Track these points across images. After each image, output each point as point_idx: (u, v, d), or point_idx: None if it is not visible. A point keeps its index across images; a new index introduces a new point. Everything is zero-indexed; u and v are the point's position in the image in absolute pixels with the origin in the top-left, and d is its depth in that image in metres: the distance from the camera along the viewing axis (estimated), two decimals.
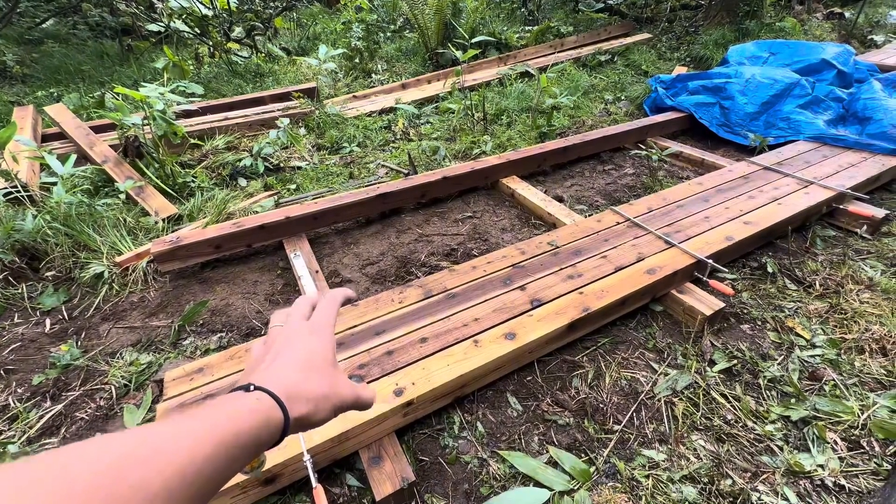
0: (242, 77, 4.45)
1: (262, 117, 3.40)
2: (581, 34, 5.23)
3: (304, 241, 2.18)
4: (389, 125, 3.54)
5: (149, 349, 1.72)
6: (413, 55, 5.16)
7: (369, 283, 2.03)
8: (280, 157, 3.01)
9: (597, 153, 3.08)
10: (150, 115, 2.47)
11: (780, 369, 1.54)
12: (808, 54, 3.64)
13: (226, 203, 2.43)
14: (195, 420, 0.32)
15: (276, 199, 2.55)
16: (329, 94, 4.15)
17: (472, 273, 1.74)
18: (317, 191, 2.70)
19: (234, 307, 1.91)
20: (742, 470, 1.27)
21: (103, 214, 2.21)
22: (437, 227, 2.38)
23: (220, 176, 2.81)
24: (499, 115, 3.55)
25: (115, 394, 1.54)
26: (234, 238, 2.08)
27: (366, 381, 1.31)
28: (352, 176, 2.89)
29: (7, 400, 1.53)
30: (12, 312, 1.89)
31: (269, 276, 2.09)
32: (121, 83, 4.36)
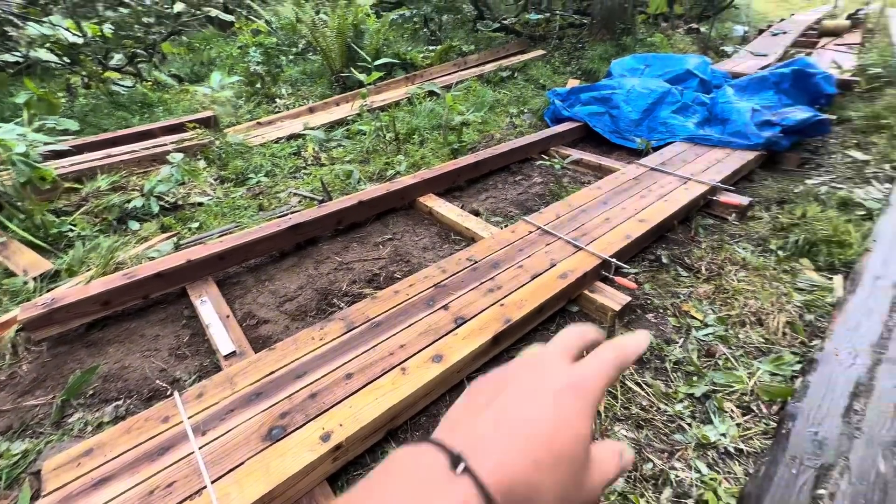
0: (127, 108, 4.05)
1: (152, 152, 3.11)
2: (482, 52, 5.50)
3: (210, 284, 2.01)
4: (299, 151, 3.42)
5: (23, 435, 1.46)
6: (319, 78, 5.07)
7: (289, 320, 1.92)
8: (178, 194, 2.77)
9: (507, 165, 3.22)
10: (8, 159, 2.15)
11: (682, 351, 1.70)
12: (675, 65, 4.15)
13: (114, 252, 2.17)
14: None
15: (176, 242, 2.33)
16: (231, 122, 3.92)
17: (394, 298, 1.72)
18: (223, 227, 2.51)
19: (131, 369, 1.70)
20: (660, 451, 1.38)
21: None
22: (357, 254, 2.33)
23: (106, 221, 2.51)
24: (411, 134, 3.59)
25: None
26: (125, 291, 1.86)
27: (288, 431, 1.23)
28: (261, 208, 2.73)
29: None
30: None
31: (173, 327, 1.89)
32: None
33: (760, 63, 5.17)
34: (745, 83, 3.83)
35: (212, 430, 1.24)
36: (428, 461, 0.25)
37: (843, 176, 2.88)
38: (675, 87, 3.69)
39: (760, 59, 5.39)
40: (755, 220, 2.48)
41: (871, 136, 3.37)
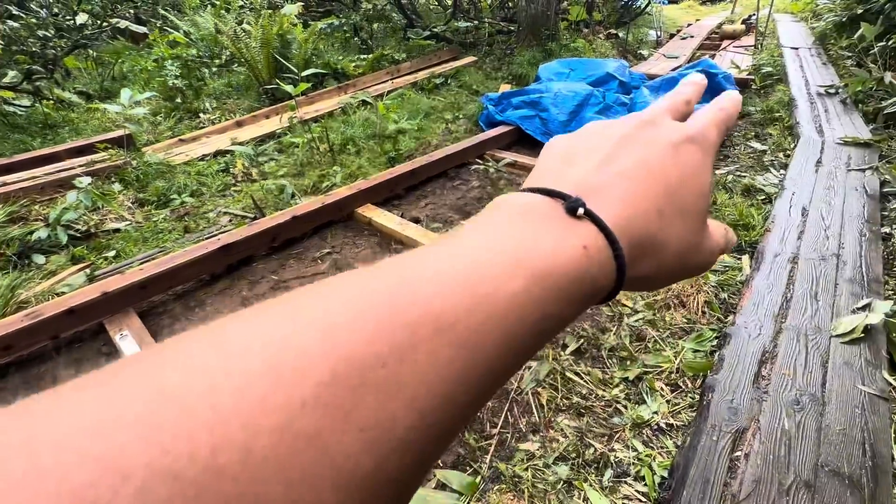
0: (24, 130, 3.67)
1: (57, 176, 2.84)
2: (414, 60, 5.54)
3: (132, 316, 1.86)
4: (227, 168, 3.26)
5: None
6: (246, 90, 4.87)
7: None
8: (90, 221, 2.54)
9: (444, 171, 3.26)
10: None
11: (615, 338, 1.80)
12: (596, 69, 4.41)
13: (14, 290, 1.96)
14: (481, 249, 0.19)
15: (90, 273, 2.14)
16: (149, 141, 3.66)
17: None
18: (145, 254, 2.34)
19: None
20: (601, 436, 1.45)
21: None
22: (295, 270, 2.26)
23: (4, 256, 2.26)
24: (346, 144, 3.54)
25: None
26: (29, 332, 1.68)
27: None
28: (187, 230, 2.57)
29: None
30: None
31: (90, 368, 1.72)
32: None
33: (672, 65, 5.62)
34: (659, 84, 4.14)
35: None
36: (539, 205, 0.22)
37: (745, 165, 3.19)
38: (598, 90, 3.92)
39: (672, 61, 5.86)
40: None
41: (767, 128, 3.76)
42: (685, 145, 0.26)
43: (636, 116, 0.27)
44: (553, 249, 0.20)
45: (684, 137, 0.26)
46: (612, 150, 0.25)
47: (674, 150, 0.25)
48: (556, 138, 0.29)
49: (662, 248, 0.24)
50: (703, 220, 0.26)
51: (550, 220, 0.21)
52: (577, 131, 0.28)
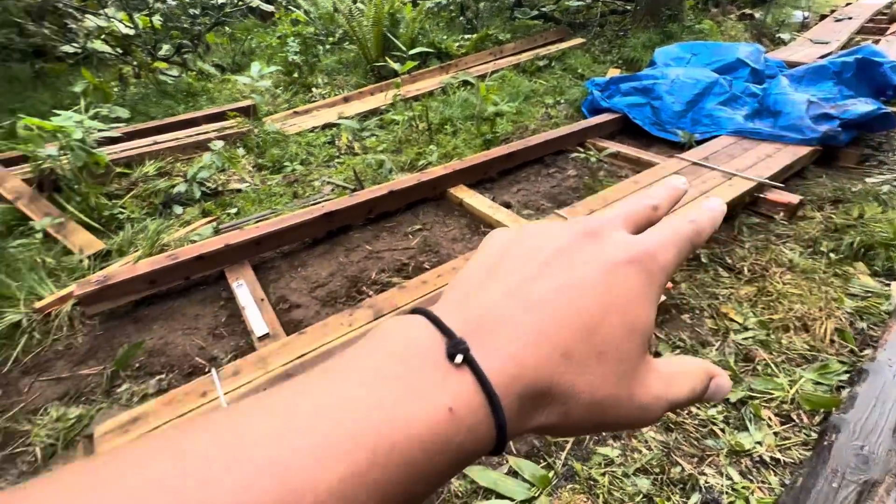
0: (173, 97, 4.23)
1: (195, 139, 3.24)
2: (519, 41, 5.38)
3: (247, 268, 2.09)
4: (333, 140, 3.48)
5: (78, 401, 1.58)
6: (354, 67, 5.11)
7: (319, 306, 1.97)
8: (218, 181, 2.88)
9: (540, 157, 3.16)
10: (67, 144, 2.29)
11: (718, 354, 1.64)
12: (724, 54, 3.93)
13: (159, 234, 2.29)
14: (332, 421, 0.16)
15: (216, 226, 2.43)
16: (268, 111, 4.02)
17: (422, 288, 1.74)
18: (259, 213, 2.60)
19: (173, 345, 1.79)
20: (690, 456, 1.34)
21: (17, 257, 2.02)
22: (387, 243, 2.36)
23: (153, 205, 2.65)
24: (443, 124, 3.58)
25: (40, 455, 1.41)
26: (169, 272, 1.96)
27: None
28: (296, 195, 2.81)
29: None
30: None
31: (212, 308, 1.98)
32: (35, 110, 4.02)
33: (821, 51, 4.82)
34: (802, 73, 3.58)
35: None
36: (421, 342, 0.19)
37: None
38: (724, 78, 3.50)
39: (821, 47, 5.02)
40: (806, 219, 2.33)
41: None
42: (624, 268, 0.22)
43: (584, 223, 0.24)
44: (409, 416, 0.17)
45: (625, 259, 0.22)
46: (537, 269, 0.22)
47: (607, 275, 0.21)
48: (499, 233, 0.26)
49: (567, 397, 0.20)
50: (631, 365, 0.21)
51: (423, 370, 0.18)
52: (523, 229, 0.25)
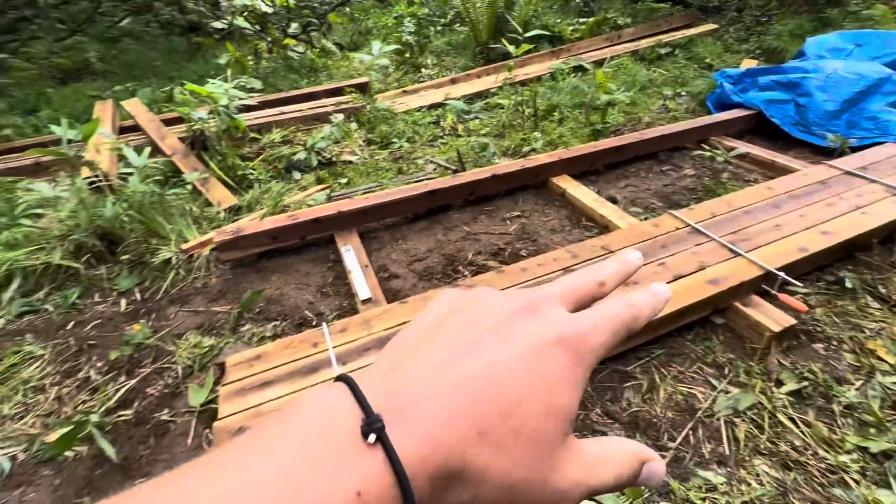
0: (298, 72, 4.60)
1: (315, 112, 3.50)
2: (639, 26, 4.99)
3: (354, 235, 2.23)
4: (438, 121, 3.54)
5: (211, 333, 1.82)
6: (463, 49, 5.13)
7: (416, 279, 2.05)
8: (332, 152, 3.09)
9: (654, 153, 2.93)
10: (216, 109, 2.60)
11: (858, 395, 1.42)
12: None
13: (281, 196, 2.53)
14: None
15: (328, 194, 2.62)
16: (380, 89, 4.20)
17: (521, 275, 1.72)
18: (366, 185, 2.75)
19: (287, 297, 1.99)
20: (810, 501, 1.18)
21: (172, 204, 2.36)
22: (485, 226, 2.36)
23: (276, 169, 2.93)
24: (550, 111, 3.46)
25: (181, 373, 1.65)
26: (289, 230, 2.17)
27: None
28: (400, 171, 2.92)
29: (89, 372, 1.68)
30: (93, 292, 2.07)
31: (321, 268, 2.15)
32: (188, 78, 4.63)
33: None
34: None
35: (350, 362, 1.40)
36: (338, 419, 0.19)
37: None
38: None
39: None
40: None
41: None
42: (552, 349, 0.21)
43: (525, 297, 0.24)
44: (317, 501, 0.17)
45: (555, 339, 0.22)
46: (468, 343, 0.22)
47: (534, 355, 0.21)
48: (446, 295, 0.26)
49: (479, 479, 0.19)
50: (548, 448, 0.20)
51: (336, 451, 0.18)
52: (468, 296, 0.25)
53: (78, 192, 2.17)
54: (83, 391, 1.61)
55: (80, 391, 1.61)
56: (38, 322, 1.91)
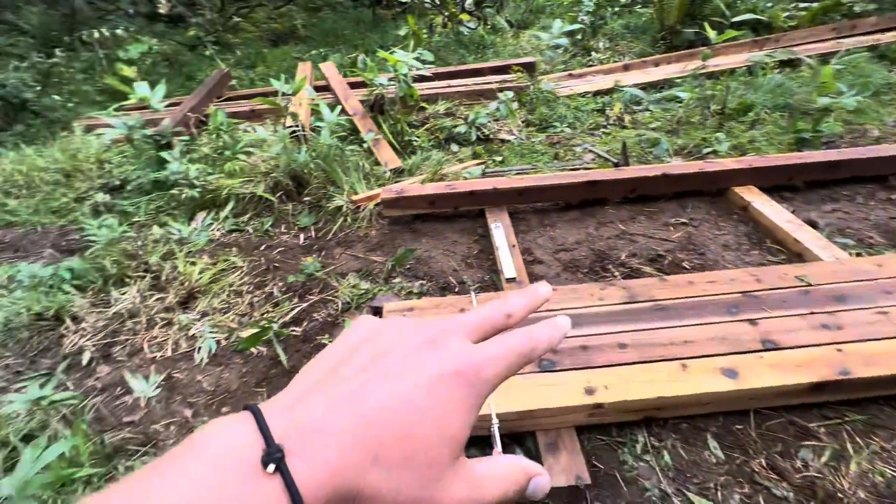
0: (466, 48, 4.71)
1: (480, 87, 3.56)
2: (888, 15, 3.96)
3: (504, 213, 2.24)
4: (603, 109, 3.33)
5: (367, 278, 2.03)
6: (642, 34, 4.69)
7: (560, 269, 1.99)
8: (491, 129, 3.12)
9: (883, 176, 2.35)
10: (398, 77, 2.81)
11: None
12: None
13: (440, 165, 2.66)
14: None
15: (483, 169, 2.67)
16: (545, 70, 4.09)
17: (687, 289, 1.55)
18: (520, 166, 2.73)
19: (435, 260, 2.10)
20: None
21: (349, 158, 2.65)
22: (644, 228, 2.18)
23: (437, 139, 3.08)
24: (743, 110, 2.99)
25: (340, 307, 1.88)
26: (445, 198, 2.27)
27: (556, 368, 1.30)
28: (556, 157, 2.83)
29: (272, 289, 2.01)
30: (281, 223, 2.45)
31: (468, 239, 2.22)
32: (369, 47, 5.09)
33: None
34: None
35: None
36: (240, 449, 0.21)
37: None
38: None
39: None
40: None
41: None
42: (448, 380, 0.23)
43: (431, 330, 0.26)
44: None
45: (452, 371, 0.24)
46: (373, 374, 0.24)
47: (431, 386, 0.23)
48: (360, 325, 0.28)
49: (372, 499, 0.21)
50: (438, 470, 0.22)
51: (236, 481, 0.19)
52: (381, 328, 0.27)
53: (282, 139, 2.57)
54: (268, 303, 1.93)
55: (266, 302, 1.94)
56: (241, 240, 2.35)
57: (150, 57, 4.78)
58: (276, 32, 5.74)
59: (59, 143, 3.15)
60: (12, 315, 1.82)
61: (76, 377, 1.67)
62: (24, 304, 1.84)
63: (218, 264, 2.14)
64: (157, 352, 1.74)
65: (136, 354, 1.74)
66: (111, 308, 1.89)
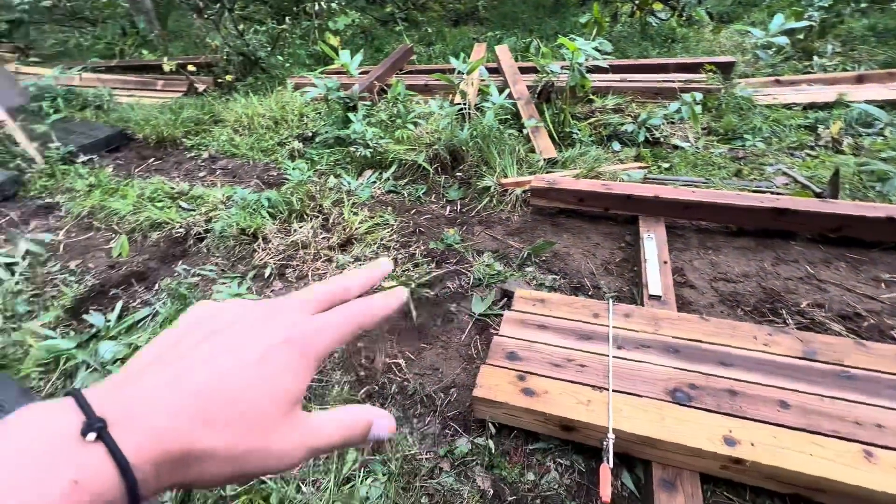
0: (652, 40, 4.31)
1: (660, 85, 3.25)
2: None
3: (661, 225, 2.05)
4: (815, 126, 2.76)
5: (501, 260, 2.07)
6: (893, 38, 3.71)
7: (716, 299, 1.76)
8: (663, 132, 2.84)
9: None
10: (571, 66, 2.72)
11: None
12: None
13: (598, 162, 2.53)
14: None
15: (645, 174, 2.46)
16: (744, 73, 3.54)
17: (892, 363, 1.24)
18: (689, 177, 2.45)
19: (572, 258, 2.04)
20: None
21: (506, 142, 2.69)
22: (842, 276, 1.78)
23: (599, 135, 2.92)
24: None
25: (471, 282, 1.96)
26: (597, 197, 2.16)
27: (692, 404, 1.18)
28: (738, 174, 2.46)
29: (415, 251, 2.18)
30: (432, 193, 2.62)
31: (612, 244, 2.10)
32: (542, 33, 5.00)
33: None
34: None
35: (625, 350, 1.35)
36: (56, 423, 0.21)
37: None
38: None
39: None
40: None
41: None
42: (279, 347, 0.26)
43: (267, 306, 0.28)
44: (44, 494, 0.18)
45: (282, 340, 0.26)
46: (209, 347, 0.25)
47: (261, 354, 0.25)
48: (199, 308, 0.29)
49: (205, 457, 0.23)
50: (271, 422, 0.25)
51: (52, 449, 0.20)
52: (218, 308, 0.29)
53: (449, 114, 2.71)
54: (409, 262, 2.11)
55: (408, 261, 2.12)
56: (396, 201, 2.58)
57: (352, 29, 5.43)
58: (459, 13, 5.99)
59: (274, 95, 3.82)
60: (226, 226, 2.31)
61: (258, 285, 2.06)
62: (234, 220, 2.32)
63: (374, 218, 2.39)
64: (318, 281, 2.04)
65: (301, 279, 2.07)
66: (290, 237, 2.27)
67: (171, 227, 2.46)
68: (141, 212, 2.58)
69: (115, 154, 3.48)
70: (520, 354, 1.37)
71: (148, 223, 2.51)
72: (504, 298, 1.84)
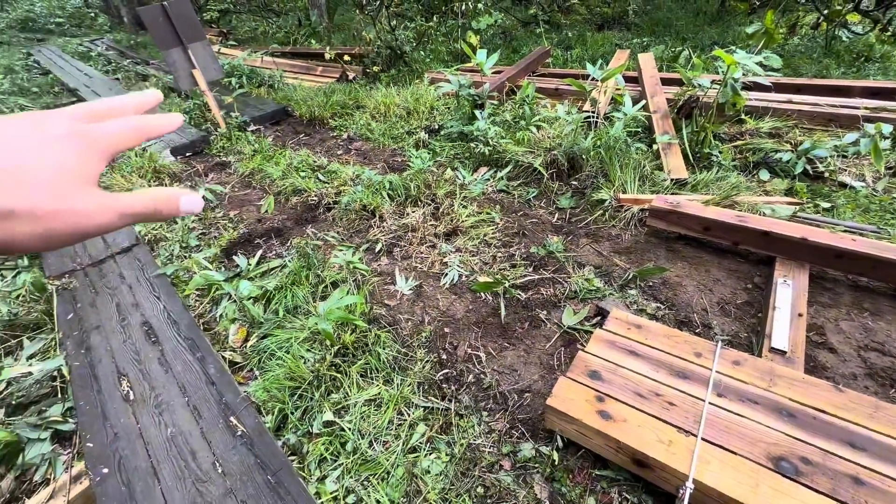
0: (838, 57, 3.66)
1: (836, 111, 2.76)
2: None
3: (804, 272, 1.77)
4: None
5: (603, 277, 1.98)
6: None
7: (862, 371, 1.48)
8: (830, 165, 2.42)
9: None
10: (725, 81, 2.46)
11: None
12: None
13: (736, 190, 2.26)
14: None
15: (795, 211, 2.13)
16: None
17: None
18: (856, 223, 2.06)
19: (684, 290, 1.87)
20: None
21: (631, 156, 2.54)
22: None
23: (745, 160, 2.59)
24: None
25: (566, 293, 1.92)
26: (727, 229, 1.95)
27: (799, 479, 1.02)
28: None
29: (515, 252, 2.20)
30: (542, 198, 2.60)
31: (735, 283, 1.87)
32: (699, 42, 4.55)
33: None
34: None
35: (726, 400, 1.22)
36: None
37: None
38: None
39: None
40: None
41: None
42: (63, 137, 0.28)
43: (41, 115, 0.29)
44: None
45: (66, 132, 0.29)
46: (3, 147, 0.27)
47: (45, 139, 0.28)
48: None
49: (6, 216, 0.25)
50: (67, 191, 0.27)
51: None
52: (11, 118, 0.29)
53: (575, 121, 2.65)
54: (508, 262, 2.14)
55: (506, 261, 2.15)
56: (505, 200, 2.62)
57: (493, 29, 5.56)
58: (605, 17, 5.73)
59: (412, 88, 4.11)
60: (351, 201, 2.58)
61: (368, 258, 2.28)
62: (359, 197, 2.58)
63: (482, 214, 2.46)
64: (420, 264, 2.18)
65: (406, 259, 2.24)
66: (403, 219, 2.46)
67: (307, 194, 2.83)
68: (287, 178, 3.00)
69: (276, 127, 4.08)
70: (603, 375, 1.32)
71: (291, 188, 2.91)
72: (598, 316, 1.77)
